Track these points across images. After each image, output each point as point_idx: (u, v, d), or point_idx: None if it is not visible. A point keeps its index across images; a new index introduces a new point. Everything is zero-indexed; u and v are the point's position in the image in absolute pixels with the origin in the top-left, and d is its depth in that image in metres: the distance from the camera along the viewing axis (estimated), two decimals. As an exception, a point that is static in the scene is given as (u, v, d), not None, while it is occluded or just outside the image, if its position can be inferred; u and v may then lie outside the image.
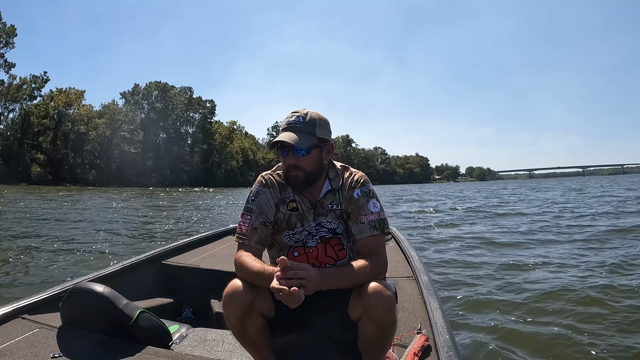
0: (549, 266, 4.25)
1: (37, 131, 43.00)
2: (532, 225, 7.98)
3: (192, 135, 58.89)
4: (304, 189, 1.29)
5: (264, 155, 72.17)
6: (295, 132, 1.23)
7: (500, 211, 11.54)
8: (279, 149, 1.27)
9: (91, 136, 46.79)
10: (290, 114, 1.28)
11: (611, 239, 5.88)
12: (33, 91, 43.26)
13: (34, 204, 13.58)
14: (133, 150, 50.55)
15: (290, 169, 1.26)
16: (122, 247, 5.59)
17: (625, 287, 3.29)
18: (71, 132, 45.24)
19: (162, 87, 55.11)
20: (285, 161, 1.26)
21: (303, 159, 1.24)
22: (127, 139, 50.58)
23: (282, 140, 1.21)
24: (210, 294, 2.02)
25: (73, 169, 44.35)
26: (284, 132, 1.25)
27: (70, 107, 45.60)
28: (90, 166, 46.35)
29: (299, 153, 1.23)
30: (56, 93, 45.04)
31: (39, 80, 43.26)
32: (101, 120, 48.26)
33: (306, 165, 1.25)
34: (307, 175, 1.26)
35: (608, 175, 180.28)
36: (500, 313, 2.86)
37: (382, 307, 1.09)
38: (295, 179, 1.26)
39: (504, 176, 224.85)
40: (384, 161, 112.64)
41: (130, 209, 13.30)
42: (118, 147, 48.95)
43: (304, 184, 1.27)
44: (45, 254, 4.90)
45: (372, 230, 1.23)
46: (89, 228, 7.65)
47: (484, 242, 6.09)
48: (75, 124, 45.48)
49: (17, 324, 1.35)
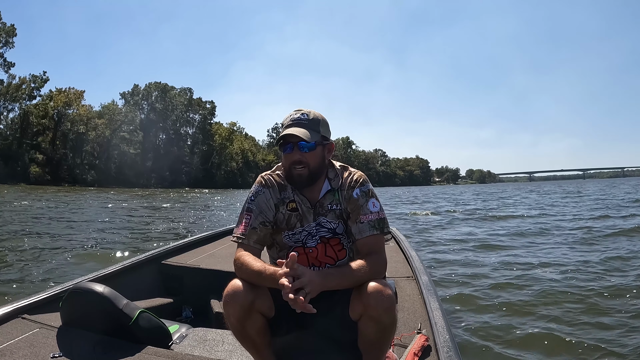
0: (549, 267, 4.26)
1: (36, 131, 42.87)
2: (532, 226, 8.01)
3: (192, 136, 58.88)
4: (306, 187, 1.28)
5: (264, 156, 72.13)
6: (301, 128, 1.23)
7: (499, 213, 11.56)
8: (281, 145, 1.26)
9: (90, 136, 46.66)
10: (293, 112, 1.28)
11: (610, 239, 5.90)
12: (32, 91, 43.14)
13: (34, 204, 13.55)
14: (132, 150, 50.45)
15: (295, 165, 1.24)
16: (120, 246, 5.59)
17: (625, 287, 3.30)
18: (70, 132, 45.12)
19: (162, 87, 55.07)
20: (290, 157, 1.25)
21: (309, 154, 1.23)
22: (126, 140, 50.48)
23: (289, 135, 1.20)
24: (210, 294, 2.02)
25: (72, 170, 44.22)
26: (289, 128, 1.24)
27: (69, 107, 45.49)
28: (89, 167, 46.24)
29: (304, 149, 1.23)
30: (55, 93, 44.90)
31: (38, 80, 43.14)
32: (101, 120, 48.14)
33: (311, 162, 1.24)
34: (310, 172, 1.25)
35: (608, 178, 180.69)
36: (500, 313, 2.87)
37: (382, 306, 1.09)
38: (299, 176, 1.25)
39: (504, 179, 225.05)
40: (384, 163, 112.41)
41: (127, 209, 13.28)
42: (117, 148, 48.85)
43: (307, 182, 1.26)
44: (45, 255, 4.88)
45: (372, 230, 1.23)
46: (88, 228, 7.64)
47: (484, 242, 6.10)
48: (75, 124, 45.37)
49: (17, 324, 1.35)
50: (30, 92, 43.01)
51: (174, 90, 56.55)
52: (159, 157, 51.87)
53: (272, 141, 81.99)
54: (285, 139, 1.23)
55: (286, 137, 1.23)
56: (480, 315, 2.84)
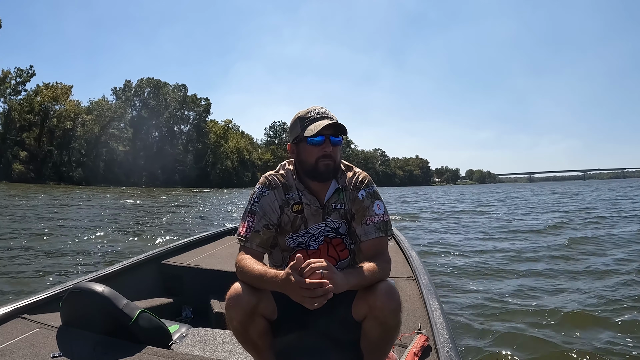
0: (549, 267, 4.29)
1: (19, 127, 41.35)
2: (531, 227, 8.11)
3: (186, 134, 57.94)
4: (328, 180, 1.27)
5: (261, 155, 71.48)
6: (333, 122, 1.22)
7: (498, 214, 11.68)
8: (307, 138, 1.21)
9: (78, 133, 45.53)
10: (312, 107, 1.26)
11: (609, 240, 5.98)
12: (18, 85, 41.73)
13: (21, 203, 13.28)
14: (121, 148, 49.42)
15: (324, 158, 1.22)
16: (120, 246, 5.52)
17: (624, 289, 3.35)
18: (57, 128, 43.88)
19: (154, 83, 53.98)
20: (322, 149, 1.21)
21: (336, 149, 1.23)
22: (115, 136, 49.38)
23: (327, 126, 1.18)
24: (210, 294, 2.02)
25: (58, 167, 42.98)
26: (322, 120, 1.21)
27: (57, 103, 44.13)
28: (76, 164, 45.00)
29: (335, 142, 1.23)
30: (42, 88, 43.51)
31: (24, 75, 41.75)
32: (89, 116, 46.94)
33: (337, 156, 1.24)
34: (336, 166, 1.24)
35: (608, 179, 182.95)
36: (500, 313, 2.89)
37: (389, 308, 1.09)
38: (326, 167, 1.22)
39: (504, 179, 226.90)
40: (383, 163, 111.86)
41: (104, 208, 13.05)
42: (106, 145, 47.79)
43: (331, 176, 1.25)
44: (44, 254, 4.80)
45: (377, 232, 1.23)
46: (76, 228, 7.53)
47: (484, 243, 6.16)
48: (62, 120, 44.06)
49: (17, 324, 1.34)
50: (16, 86, 41.58)
51: (168, 86, 55.55)
52: (151, 155, 50.95)
53: (269, 140, 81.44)
54: (321, 130, 1.19)
55: (325, 127, 1.19)
56: (480, 315, 2.86)
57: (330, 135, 1.22)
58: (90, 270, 2.72)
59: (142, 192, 29.20)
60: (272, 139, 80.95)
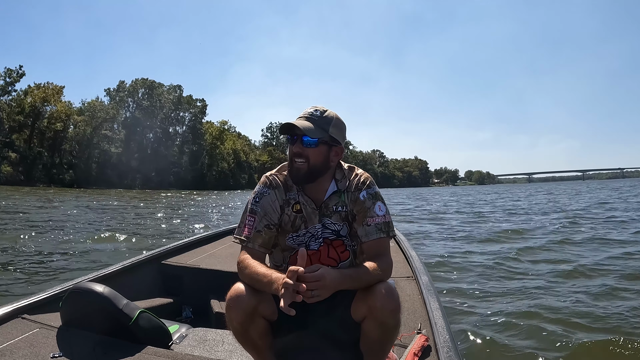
0: (548, 267, 4.33)
1: (9, 128, 40.46)
2: (531, 227, 8.19)
3: (181, 135, 57.37)
4: (306, 183, 1.26)
5: (257, 156, 70.87)
6: (309, 122, 1.22)
7: (497, 215, 11.76)
8: (287, 137, 1.24)
9: (69, 134, 44.77)
10: (310, 107, 1.27)
11: (608, 241, 6.04)
12: (7, 86, 40.78)
13: (21, 205, 13.06)
14: (114, 149, 48.68)
15: (295, 157, 1.23)
16: (119, 246, 5.47)
17: (624, 288, 3.39)
18: (48, 129, 43.06)
19: (149, 84, 53.39)
20: (291, 149, 1.24)
21: (310, 150, 1.22)
22: (108, 138, 48.61)
23: (293, 126, 1.19)
24: (210, 294, 2.02)
25: (48, 169, 42.07)
26: (297, 120, 1.22)
27: (47, 103, 43.29)
28: (68, 166, 44.21)
29: (306, 143, 1.21)
30: (33, 88, 42.71)
31: (13, 75, 40.82)
32: (80, 117, 46.20)
33: (312, 158, 1.22)
34: (310, 168, 1.22)
35: (607, 179, 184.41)
36: (500, 313, 2.90)
37: (389, 308, 1.10)
38: (297, 170, 1.23)
39: (503, 180, 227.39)
40: (382, 164, 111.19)
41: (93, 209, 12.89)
42: (98, 147, 47.06)
43: (305, 178, 1.24)
44: (44, 255, 4.74)
45: (379, 233, 1.24)
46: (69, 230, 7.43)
47: (483, 243, 6.20)
48: (53, 121, 43.19)
49: (17, 324, 1.33)
50: (5, 86, 40.66)
51: (162, 87, 55.04)
52: (145, 157, 50.25)
53: (266, 141, 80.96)
54: (292, 130, 1.20)
55: (292, 128, 1.20)
56: (480, 316, 2.87)
57: (303, 135, 1.21)
58: (90, 270, 2.69)
59: (136, 194, 28.82)
60: (269, 140, 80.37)
